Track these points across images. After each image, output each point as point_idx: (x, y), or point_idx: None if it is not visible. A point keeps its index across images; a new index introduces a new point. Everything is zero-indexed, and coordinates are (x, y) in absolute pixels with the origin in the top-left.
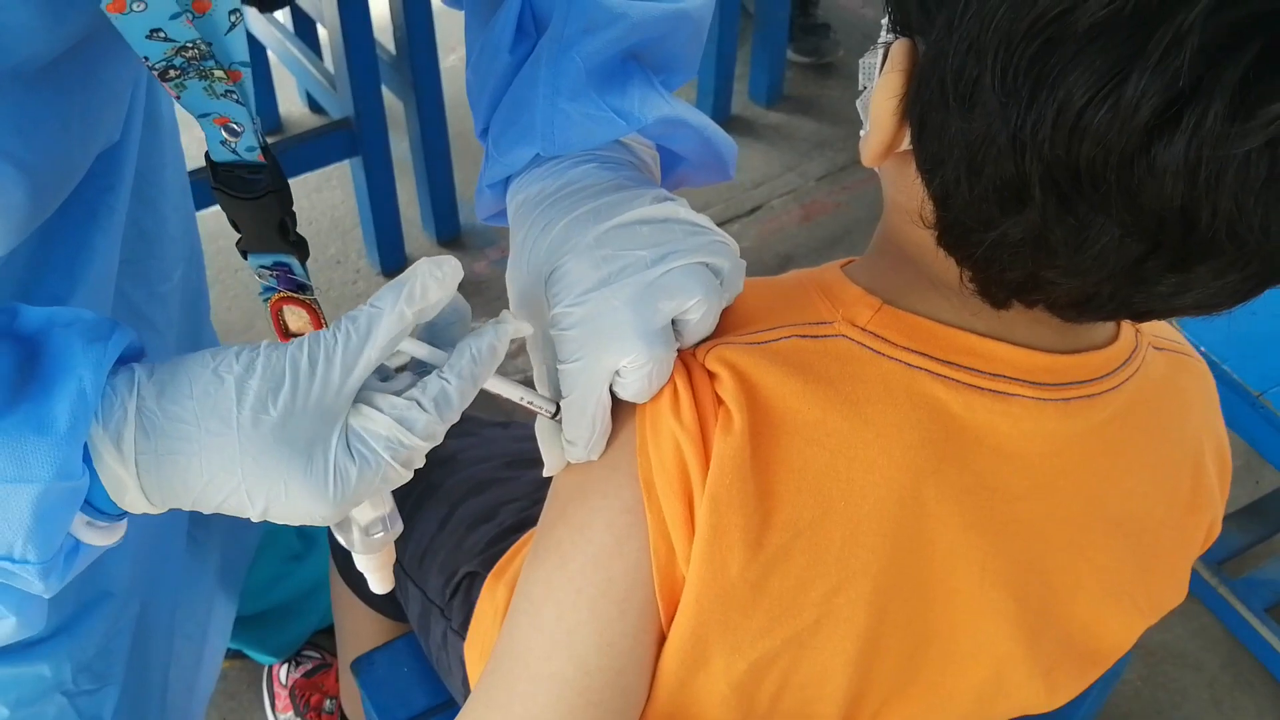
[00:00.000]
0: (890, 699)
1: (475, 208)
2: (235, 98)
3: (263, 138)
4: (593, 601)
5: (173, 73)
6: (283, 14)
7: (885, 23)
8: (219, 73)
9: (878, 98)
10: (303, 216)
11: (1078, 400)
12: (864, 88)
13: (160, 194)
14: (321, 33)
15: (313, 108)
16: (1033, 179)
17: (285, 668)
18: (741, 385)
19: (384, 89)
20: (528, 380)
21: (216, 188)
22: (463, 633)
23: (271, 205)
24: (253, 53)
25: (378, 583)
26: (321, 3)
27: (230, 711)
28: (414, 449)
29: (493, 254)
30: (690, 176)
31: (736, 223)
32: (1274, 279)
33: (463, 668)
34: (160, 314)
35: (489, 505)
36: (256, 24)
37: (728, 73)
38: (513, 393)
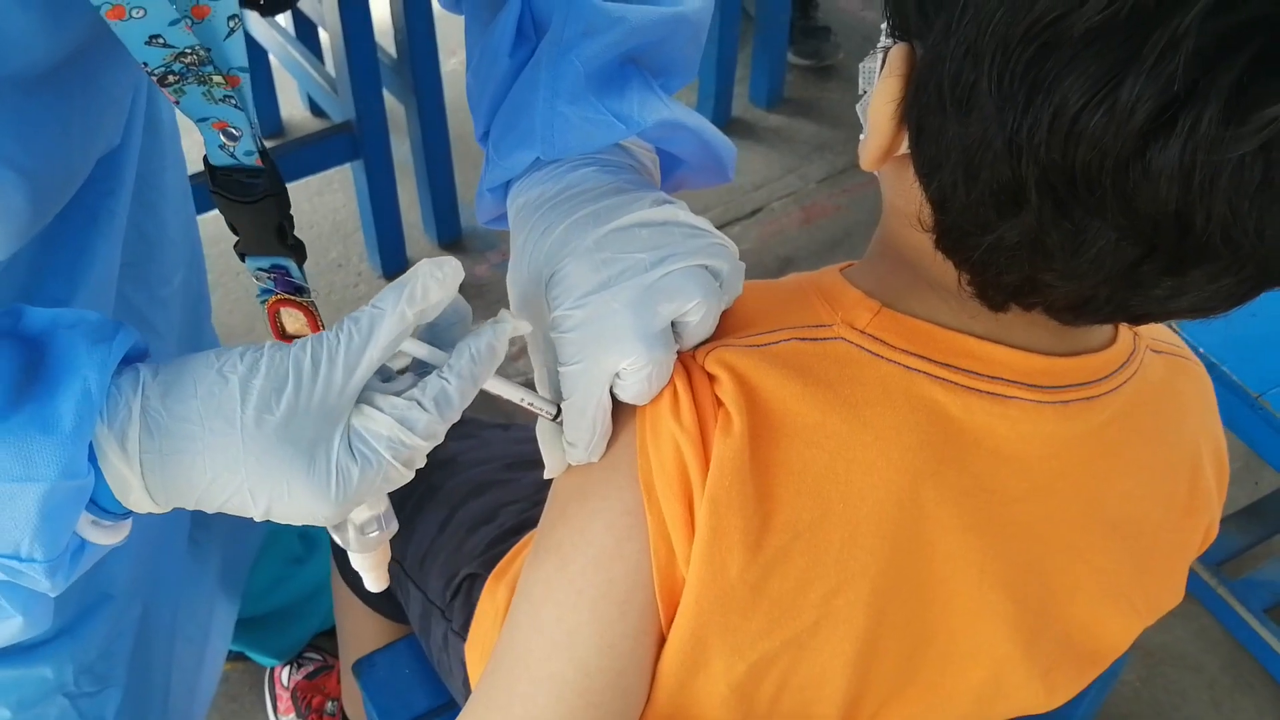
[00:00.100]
0: (889, 700)
1: (476, 211)
2: (234, 103)
3: (261, 142)
4: (593, 603)
5: (171, 78)
6: (284, 17)
7: (884, 27)
8: (217, 78)
9: (876, 102)
10: (304, 220)
11: (1076, 403)
12: (864, 91)
13: (161, 198)
14: (323, 36)
15: (314, 111)
16: (1029, 183)
17: (287, 670)
18: (741, 387)
19: (385, 92)
20: (529, 382)
21: (215, 191)
22: (463, 634)
23: (270, 209)
24: (254, 56)
25: (373, 581)
26: (323, 6)
27: (232, 714)
28: (415, 449)
29: (494, 257)
30: (689, 179)
31: (737, 225)
32: (1269, 282)
33: (463, 669)
34: (161, 317)
35: (489, 507)
36: (258, 27)
37: (728, 75)
38: (513, 394)
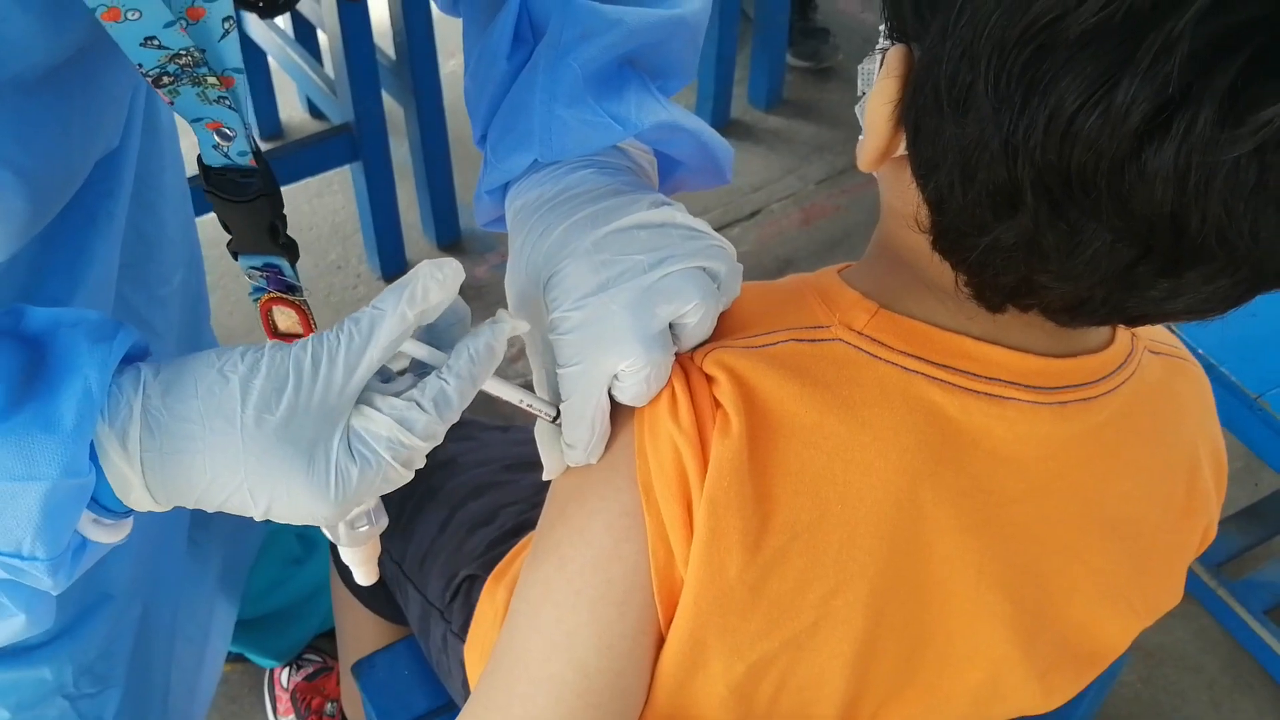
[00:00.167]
0: (887, 701)
1: (474, 213)
2: (228, 103)
3: (255, 143)
4: (592, 604)
5: (166, 79)
6: (283, 19)
7: (883, 29)
8: (212, 79)
9: (873, 103)
10: (303, 222)
11: (1073, 404)
12: (863, 93)
13: (160, 198)
14: (322, 38)
15: (313, 113)
16: (1025, 184)
17: (286, 671)
18: (739, 389)
19: (384, 94)
20: (528, 384)
21: (209, 190)
22: (463, 635)
23: (263, 208)
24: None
25: (362, 575)
26: (322, 8)
27: (232, 715)
28: (414, 449)
29: (493, 259)
30: (687, 181)
31: (736, 226)
32: (1264, 284)
33: (463, 670)
34: (160, 317)
35: (489, 508)
36: (257, 29)
37: (727, 77)
38: (513, 396)
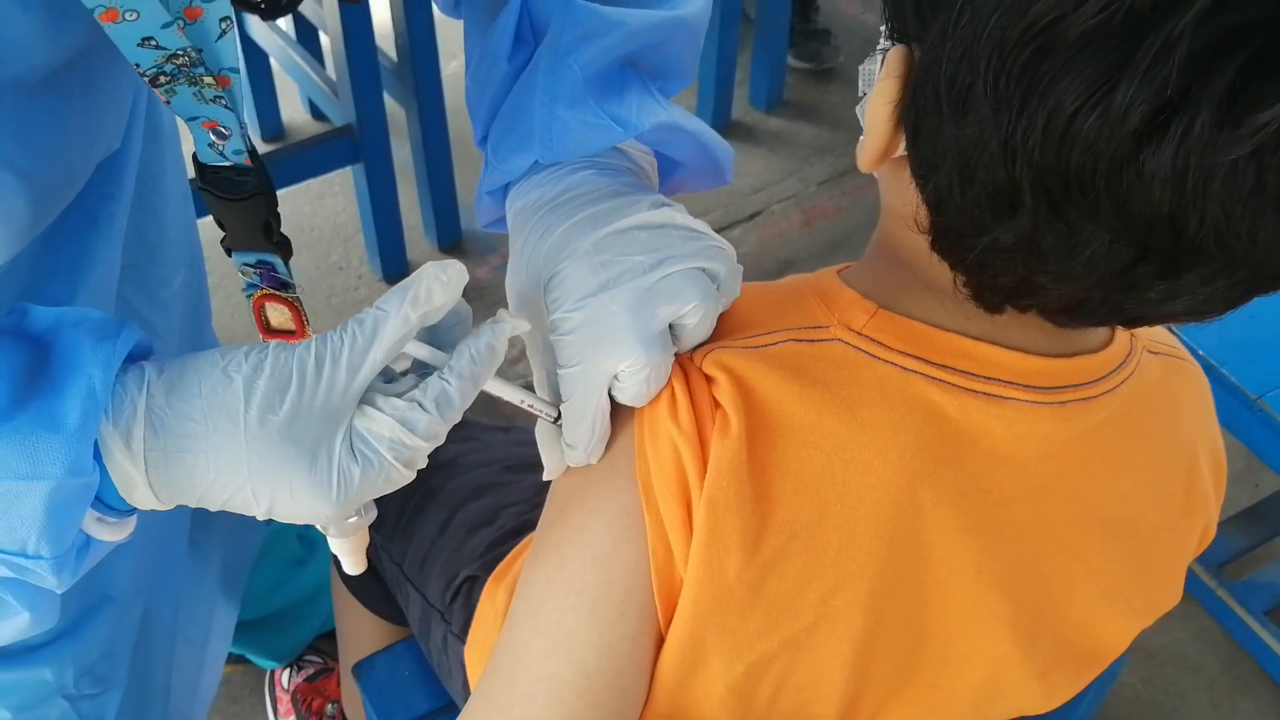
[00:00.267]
0: (887, 701)
1: (475, 214)
2: (224, 103)
3: (250, 141)
4: (592, 604)
5: (163, 79)
6: (285, 21)
7: (883, 30)
8: (208, 79)
9: (873, 103)
10: (305, 223)
11: (1072, 403)
12: (863, 94)
13: (161, 200)
14: (324, 40)
15: (315, 115)
16: (1023, 185)
17: (287, 672)
18: (738, 389)
19: (386, 96)
20: (529, 385)
21: (203, 188)
22: (463, 636)
23: (258, 206)
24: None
25: (351, 565)
26: (324, 10)
27: (233, 716)
28: (416, 449)
29: (494, 260)
30: (687, 182)
31: (737, 228)
32: (1262, 286)
33: (463, 671)
34: (161, 319)
35: (489, 509)
36: (258, 31)
37: (728, 78)
38: (514, 396)
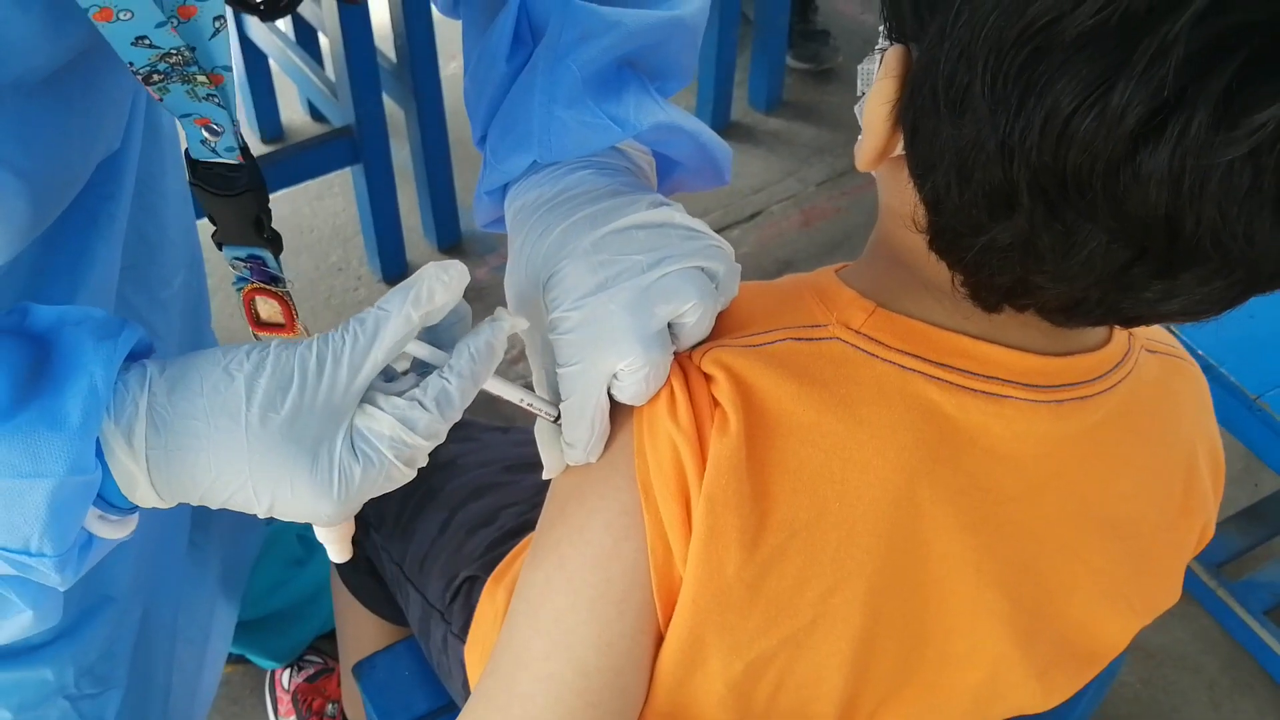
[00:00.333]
0: (887, 699)
1: (473, 214)
2: (217, 100)
3: (242, 138)
4: (591, 602)
5: (156, 77)
6: (284, 22)
7: (882, 30)
8: (201, 77)
9: (872, 103)
10: (304, 224)
11: (1070, 402)
12: (862, 93)
13: (161, 201)
14: (323, 41)
15: (314, 116)
16: (1020, 185)
17: (287, 672)
18: (737, 387)
19: (385, 97)
20: (529, 385)
21: (194, 183)
22: (463, 636)
23: (249, 202)
24: (255, 61)
25: (336, 553)
26: (323, 11)
27: (233, 716)
28: (417, 448)
29: (493, 260)
30: (686, 182)
31: (736, 228)
32: (1259, 286)
33: (463, 671)
34: (161, 320)
35: (489, 509)
36: (258, 32)
37: (727, 79)
38: (513, 395)
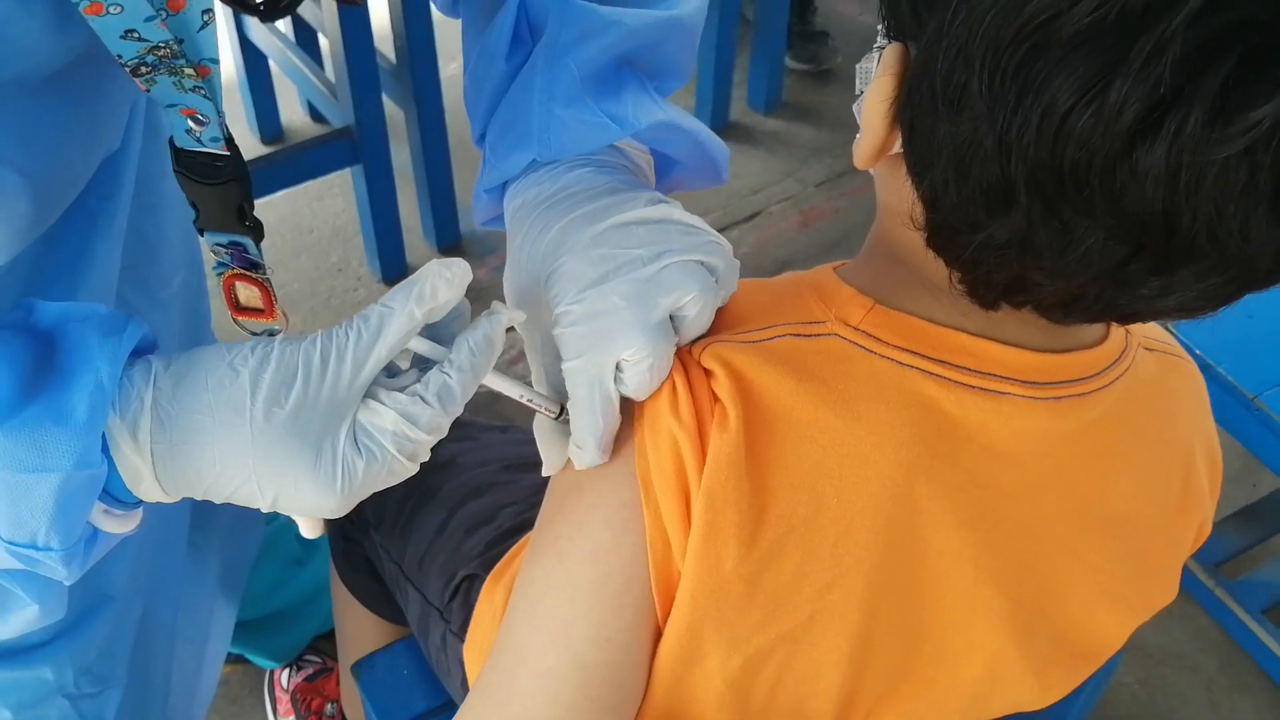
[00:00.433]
0: (885, 695)
1: (473, 212)
2: (203, 92)
3: (227, 130)
4: (590, 597)
5: (144, 69)
6: (284, 23)
7: (880, 28)
8: (189, 70)
9: (870, 101)
10: (304, 224)
11: (1068, 399)
12: (860, 91)
13: (161, 201)
14: (322, 42)
15: (314, 116)
16: (1018, 182)
17: (287, 672)
18: (736, 383)
19: (385, 97)
20: (530, 383)
21: (178, 170)
22: (462, 635)
23: (233, 191)
24: (254, 61)
25: (307, 529)
26: (323, 12)
27: (232, 716)
28: (419, 442)
29: (493, 261)
30: (684, 180)
31: (735, 229)
32: (1255, 283)
33: (462, 669)
34: (161, 319)
35: (488, 508)
36: (257, 33)
37: (726, 80)
38: (514, 391)
